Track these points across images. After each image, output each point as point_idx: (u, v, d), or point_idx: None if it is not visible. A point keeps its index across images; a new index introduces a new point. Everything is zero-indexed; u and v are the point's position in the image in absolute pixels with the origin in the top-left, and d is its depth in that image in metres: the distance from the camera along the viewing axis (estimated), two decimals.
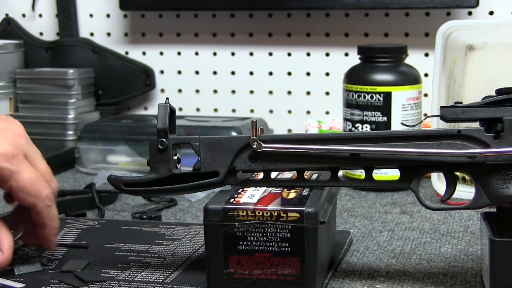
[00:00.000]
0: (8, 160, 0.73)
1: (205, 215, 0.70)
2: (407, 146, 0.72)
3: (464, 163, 0.72)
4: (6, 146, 0.73)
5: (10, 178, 0.73)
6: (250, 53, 1.42)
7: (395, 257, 0.84)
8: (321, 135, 0.74)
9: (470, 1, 1.24)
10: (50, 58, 1.46)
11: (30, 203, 0.74)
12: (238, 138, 0.75)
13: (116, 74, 1.44)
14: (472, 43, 1.11)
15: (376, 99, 1.13)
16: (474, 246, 0.87)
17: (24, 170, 0.73)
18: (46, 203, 0.75)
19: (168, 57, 1.46)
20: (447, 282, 0.76)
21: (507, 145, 0.70)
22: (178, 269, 0.78)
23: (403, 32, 1.33)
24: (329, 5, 1.31)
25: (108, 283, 0.74)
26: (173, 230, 0.91)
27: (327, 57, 1.38)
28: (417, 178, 0.73)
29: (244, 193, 0.73)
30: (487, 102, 0.72)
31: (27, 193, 0.73)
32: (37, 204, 0.74)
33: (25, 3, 1.51)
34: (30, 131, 0.82)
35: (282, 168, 0.75)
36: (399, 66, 1.16)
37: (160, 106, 0.74)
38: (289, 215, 0.69)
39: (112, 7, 1.47)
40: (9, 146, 0.73)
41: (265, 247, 0.70)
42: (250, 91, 1.43)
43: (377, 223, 0.98)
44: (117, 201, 1.10)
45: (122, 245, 0.86)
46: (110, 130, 1.31)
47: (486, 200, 0.72)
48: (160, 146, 0.74)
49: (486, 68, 1.11)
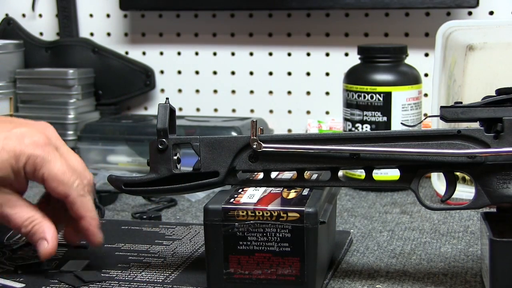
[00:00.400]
0: (40, 148, 0.72)
1: (205, 215, 0.70)
2: (407, 146, 0.72)
3: (464, 163, 0.72)
4: (38, 135, 0.73)
5: (42, 166, 0.72)
6: (250, 53, 1.42)
7: (395, 257, 0.84)
8: (321, 135, 0.74)
9: (470, 1, 1.24)
10: (50, 58, 1.46)
11: (62, 193, 0.73)
12: (238, 138, 0.75)
13: (116, 74, 1.44)
14: (472, 43, 1.11)
15: (376, 99, 1.13)
16: (474, 246, 0.87)
17: (56, 159, 0.73)
18: (79, 193, 0.74)
19: (168, 57, 1.46)
20: (447, 282, 0.76)
21: (507, 145, 0.70)
22: (178, 269, 0.78)
23: (403, 32, 1.33)
24: (329, 5, 1.31)
25: (108, 283, 0.74)
26: (173, 230, 0.91)
27: (327, 57, 1.38)
28: (417, 178, 0.73)
29: (244, 193, 0.73)
30: (487, 102, 0.72)
31: (59, 182, 0.73)
32: (70, 194, 0.73)
33: (25, 3, 1.51)
34: None
35: (282, 168, 0.75)
36: (399, 66, 1.16)
37: (160, 106, 0.74)
38: (289, 215, 0.69)
39: (112, 7, 1.47)
40: (41, 135, 0.73)
41: (265, 247, 0.70)
42: (250, 91, 1.43)
43: (377, 223, 0.98)
44: (117, 201, 1.10)
45: (122, 245, 0.86)
46: (110, 130, 1.31)
47: (486, 200, 0.72)
48: (160, 146, 0.74)
49: (486, 68, 1.11)
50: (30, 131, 0.73)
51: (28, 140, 0.72)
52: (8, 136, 0.73)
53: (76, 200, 0.74)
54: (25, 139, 0.73)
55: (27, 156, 0.72)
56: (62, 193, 0.73)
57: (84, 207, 0.74)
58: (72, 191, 0.73)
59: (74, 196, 0.74)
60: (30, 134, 0.73)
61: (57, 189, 0.73)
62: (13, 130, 0.73)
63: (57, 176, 0.73)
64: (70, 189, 0.73)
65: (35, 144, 0.73)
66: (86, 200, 0.75)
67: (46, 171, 0.73)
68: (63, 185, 0.73)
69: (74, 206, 0.74)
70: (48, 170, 0.73)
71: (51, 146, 0.74)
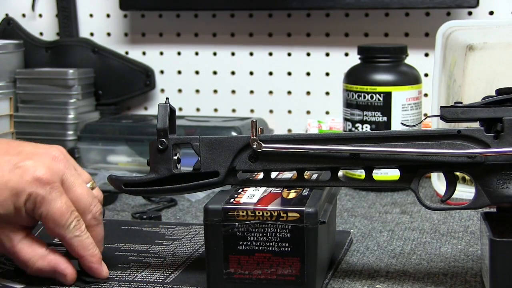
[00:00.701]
0: (42, 186, 0.71)
1: (205, 215, 0.70)
2: (407, 146, 0.72)
3: (464, 163, 0.72)
4: (42, 171, 0.71)
5: (41, 205, 0.71)
6: (250, 53, 1.42)
7: (395, 257, 0.84)
8: (321, 135, 0.74)
9: (470, 1, 1.24)
10: (50, 58, 1.46)
11: (57, 234, 0.73)
12: (238, 138, 0.74)
13: (116, 74, 1.44)
14: (472, 43, 1.11)
15: (376, 99, 1.13)
16: (474, 246, 0.87)
17: (56, 199, 0.72)
18: (74, 234, 0.73)
19: (168, 57, 1.46)
20: (447, 282, 0.76)
21: (507, 145, 0.70)
22: (178, 269, 0.78)
23: (403, 32, 1.33)
24: (329, 5, 1.31)
25: (108, 283, 0.74)
26: (173, 230, 0.91)
27: (327, 57, 1.38)
28: (417, 178, 0.73)
29: (244, 193, 0.73)
30: (487, 102, 0.72)
31: (55, 224, 0.72)
32: (65, 236, 0.73)
33: (25, 3, 1.51)
34: (30, 131, 0.81)
35: (282, 168, 0.75)
36: (399, 66, 1.16)
37: (160, 106, 0.74)
38: (289, 215, 0.69)
39: (112, 7, 1.47)
40: (45, 171, 0.71)
41: (265, 247, 0.70)
42: (250, 91, 1.43)
43: (377, 223, 0.98)
44: (117, 201, 1.10)
45: (122, 245, 0.86)
46: (110, 130, 1.31)
47: (486, 200, 0.72)
48: (160, 146, 0.74)
49: (486, 68, 1.11)
50: (35, 165, 0.72)
51: (31, 177, 0.71)
52: (12, 171, 0.71)
53: (72, 242, 0.73)
54: (28, 175, 0.71)
55: (27, 194, 0.71)
56: (57, 235, 0.73)
57: (81, 247, 0.74)
58: (68, 233, 0.73)
59: (70, 238, 0.73)
60: (34, 169, 0.71)
61: (53, 230, 0.73)
62: (19, 164, 0.71)
63: (54, 217, 0.72)
64: (66, 231, 0.72)
65: (38, 181, 0.71)
66: (82, 240, 0.73)
67: (44, 210, 0.71)
68: (59, 227, 0.72)
69: (71, 247, 0.74)
70: (46, 210, 0.71)
71: (54, 184, 0.72)
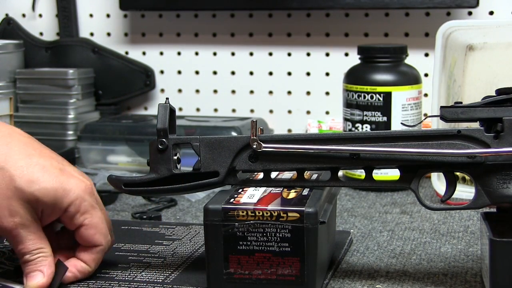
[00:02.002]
0: (89, 195, 0.74)
1: (205, 215, 0.70)
2: (407, 146, 0.72)
3: (464, 163, 0.72)
4: (87, 182, 0.75)
5: (86, 212, 0.73)
6: (250, 53, 1.42)
7: (395, 257, 0.84)
8: (321, 135, 0.74)
9: (470, 1, 1.24)
10: (50, 58, 1.46)
11: (97, 241, 0.75)
12: (238, 138, 0.74)
13: (116, 74, 1.44)
14: (472, 43, 1.11)
15: (376, 99, 1.13)
16: (474, 246, 0.87)
17: (97, 209, 0.75)
18: (108, 245, 0.76)
19: (168, 57, 1.46)
20: (447, 282, 0.76)
21: (507, 145, 0.70)
22: (178, 269, 0.78)
23: (403, 32, 1.33)
24: (329, 5, 1.31)
25: (108, 283, 0.74)
26: (173, 230, 0.91)
27: (327, 57, 1.38)
28: (417, 178, 0.73)
29: (244, 193, 0.73)
30: (487, 102, 0.72)
31: (99, 230, 0.74)
32: (103, 244, 0.75)
33: (25, 3, 1.51)
34: (30, 131, 0.81)
35: (282, 168, 0.75)
36: (399, 66, 1.16)
37: (160, 106, 0.74)
38: (289, 215, 0.69)
39: (112, 7, 1.47)
40: (89, 184, 0.75)
41: (265, 247, 0.70)
42: (250, 91, 1.43)
43: (377, 223, 0.98)
44: (117, 201, 1.10)
45: (122, 245, 0.86)
46: (110, 130, 1.31)
47: (486, 200, 0.72)
48: (160, 146, 0.74)
49: (486, 68, 1.11)
50: (81, 178, 0.75)
51: (80, 183, 0.74)
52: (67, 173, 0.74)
53: (101, 252, 0.75)
54: (77, 181, 0.74)
55: (76, 195, 0.73)
56: (97, 242, 0.75)
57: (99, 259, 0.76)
58: (105, 242, 0.75)
59: (103, 249, 0.75)
60: (82, 179, 0.75)
61: (94, 237, 0.74)
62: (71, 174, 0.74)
63: (98, 225, 0.74)
64: (104, 240, 0.75)
65: (86, 189, 0.74)
66: (101, 257, 0.76)
67: (89, 217, 0.74)
68: (100, 235, 0.75)
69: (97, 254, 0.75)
70: (91, 217, 0.74)
71: (94, 197, 0.75)
